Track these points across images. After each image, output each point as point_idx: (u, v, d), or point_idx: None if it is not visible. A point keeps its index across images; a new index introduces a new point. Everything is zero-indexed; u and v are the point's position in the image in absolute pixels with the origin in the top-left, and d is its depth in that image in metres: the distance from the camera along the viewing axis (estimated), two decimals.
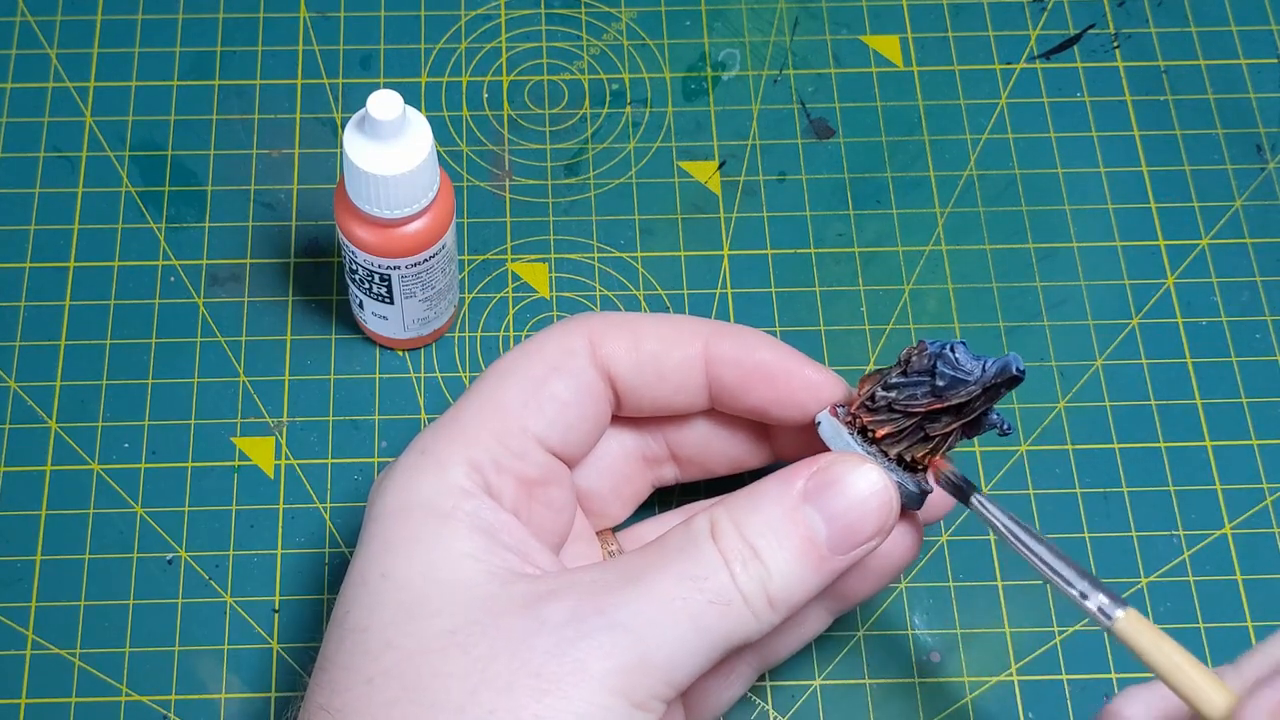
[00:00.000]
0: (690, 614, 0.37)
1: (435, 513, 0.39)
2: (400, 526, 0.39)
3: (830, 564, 0.39)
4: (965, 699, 0.49)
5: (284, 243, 0.55)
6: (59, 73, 0.58)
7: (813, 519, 0.38)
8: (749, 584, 0.37)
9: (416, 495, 0.40)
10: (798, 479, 0.39)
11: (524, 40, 0.59)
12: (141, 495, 0.51)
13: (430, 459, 0.40)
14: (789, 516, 0.38)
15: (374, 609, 0.38)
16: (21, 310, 0.54)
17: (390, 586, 0.38)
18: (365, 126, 0.46)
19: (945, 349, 0.40)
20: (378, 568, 0.39)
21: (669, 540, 0.38)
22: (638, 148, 0.57)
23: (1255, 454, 0.52)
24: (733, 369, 0.43)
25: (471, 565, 0.38)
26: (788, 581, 0.38)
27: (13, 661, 0.48)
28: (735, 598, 0.37)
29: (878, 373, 0.41)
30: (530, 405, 0.41)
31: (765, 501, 0.39)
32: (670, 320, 0.44)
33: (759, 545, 0.38)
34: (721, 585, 0.37)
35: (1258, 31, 0.60)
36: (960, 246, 0.56)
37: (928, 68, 0.59)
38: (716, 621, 0.37)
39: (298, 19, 0.59)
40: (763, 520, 0.38)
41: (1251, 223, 0.57)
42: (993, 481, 0.52)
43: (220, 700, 0.48)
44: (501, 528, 0.39)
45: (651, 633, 0.36)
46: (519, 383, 0.42)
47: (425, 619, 0.37)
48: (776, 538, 0.38)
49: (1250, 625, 0.50)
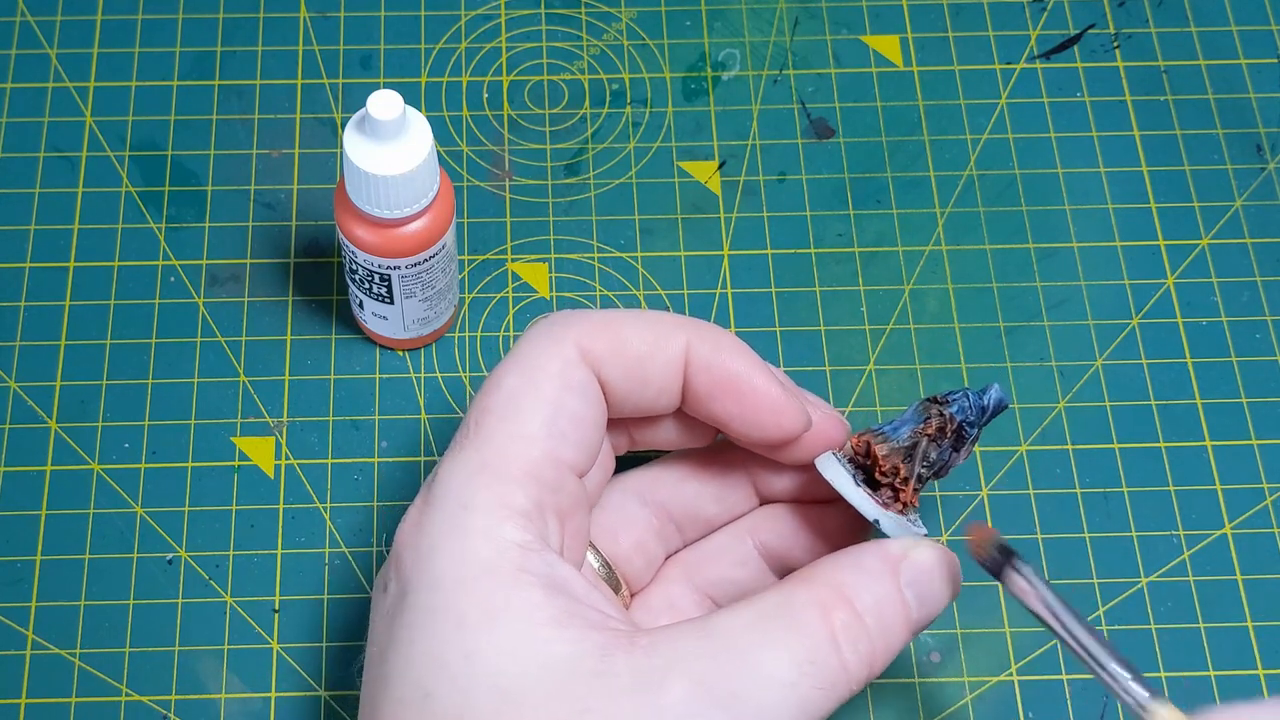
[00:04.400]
0: (800, 699, 0.36)
1: (502, 578, 0.37)
2: (468, 597, 0.37)
3: (914, 635, 0.39)
4: (965, 699, 0.49)
5: (284, 243, 0.55)
6: (59, 73, 0.58)
7: (912, 600, 0.39)
8: (857, 663, 0.37)
9: (475, 559, 0.37)
10: (893, 555, 0.39)
11: (524, 40, 0.59)
12: (141, 495, 0.51)
13: (477, 516, 0.38)
14: (897, 596, 0.39)
15: (468, 694, 0.36)
16: (21, 310, 0.54)
17: (482, 671, 0.36)
18: (365, 126, 0.46)
19: (967, 417, 0.42)
20: (458, 648, 0.36)
21: (769, 611, 0.37)
22: (638, 148, 0.57)
23: (1255, 454, 0.52)
24: (704, 375, 0.41)
25: (562, 638, 0.36)
26: (886, 657, 0.38)
27: (13, 661, 0.48)
28: (841, 679, 0.37)
29: (882, 437, 0.42)
30: (554, 431, 0.39)
31: (872, 579, 0.39)
32: (650, 319, 0.42)
33: (870, 625, 0.38)
34: (831, 669, 0.37)
35: (1258, 31, 0.60)
36: (960, 246, 0.56)
37: (928, 68, 0.59)
38: (821, 702, 0.37)
39: (298, 19, 0.59)
40: (872, 600, 0.38)
41: (1251, 223, 0.57)
42: (993, 481, 0.52)
43: (220, 700, 0.48)
44: (569, 582, 0.38)
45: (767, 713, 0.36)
46: (537, 408, 0.40)
47: (533, 709, 0.35)
48: (886, 617, 0.38)
49: (1250, 625, 0.50)
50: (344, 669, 0.49)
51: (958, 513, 0.51)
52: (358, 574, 0.50)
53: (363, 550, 0.50)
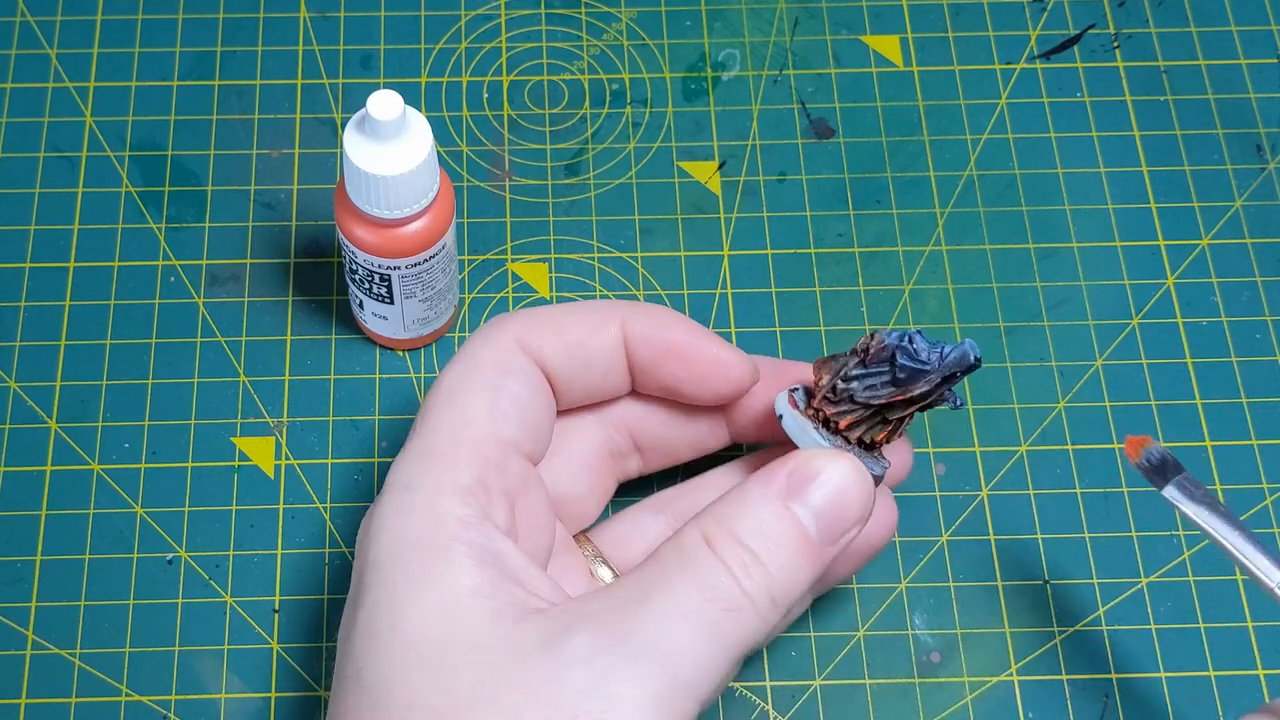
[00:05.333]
0: (707, 626, 0.37)
1: (434, 551, 0.38)
2: (401, 571, 0.38)
3: (822, 555, 0.39)
4: (965, 699, 0.49)
5: (284, 243, 0.55)
6: (59, 73, 0.58)
7: (801, 514, 0.39)
8: (754, 587, 0.38)
9: (412, 535, 0.39)
10: (777, 479, 0.39)
11: (524, 40, 0.59)
12: (141, 495, 0.51)
13: (417, 495, 0.39)
14: (778, 516, 0.39)
15: (391, 665, 0.37)
16: (21, 310, 0.54)
17: (403, 640, 0.37)
18: (365, 127, 0.46)
19: (904, 340, 0.40)
20: (386, 619, 0.38)
21: (664, 556, 0.38)
22: (638, 148, 0.57)
23: (1255, 454, 0.52)
24: (646, 347, 0.43)
25: (483, 606, 0.37)
26: (787, 578, 0.38)
27: (13, 661, 0.48)
28: (745, 603, 0.38)
29: (832, 359, 0.42)
30: (495, 413, 0.41)
31: (752, 505, 0.39)
32: (585, 306, 0.44)
33: (756, 548, 0.38)
34: (730, 592, 0.37)
35: (1258, 31, 0.60)
36: (960, 246, 0.56)
37: (928, 68, 0.59)
38: (731, 629, 0.37)
39: (298, 19, 0.59)
40: (754, 524, 0.38)
41: (1251, 223, 0.57)
42: (993, 481, 0.52)
43: (220, 700, 0.48)
44: (503, 555, 0.39)
45: (676, 652, 0.36)
46: (477, 393, 0.41)
47: (448, 672, 0.37)
48: (771, 539, 0.38)
49: (1250, 625, 0.50)
50: None
51: (958, 512, 0.51)
52: None
53: None
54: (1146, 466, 0.43)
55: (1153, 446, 0.43)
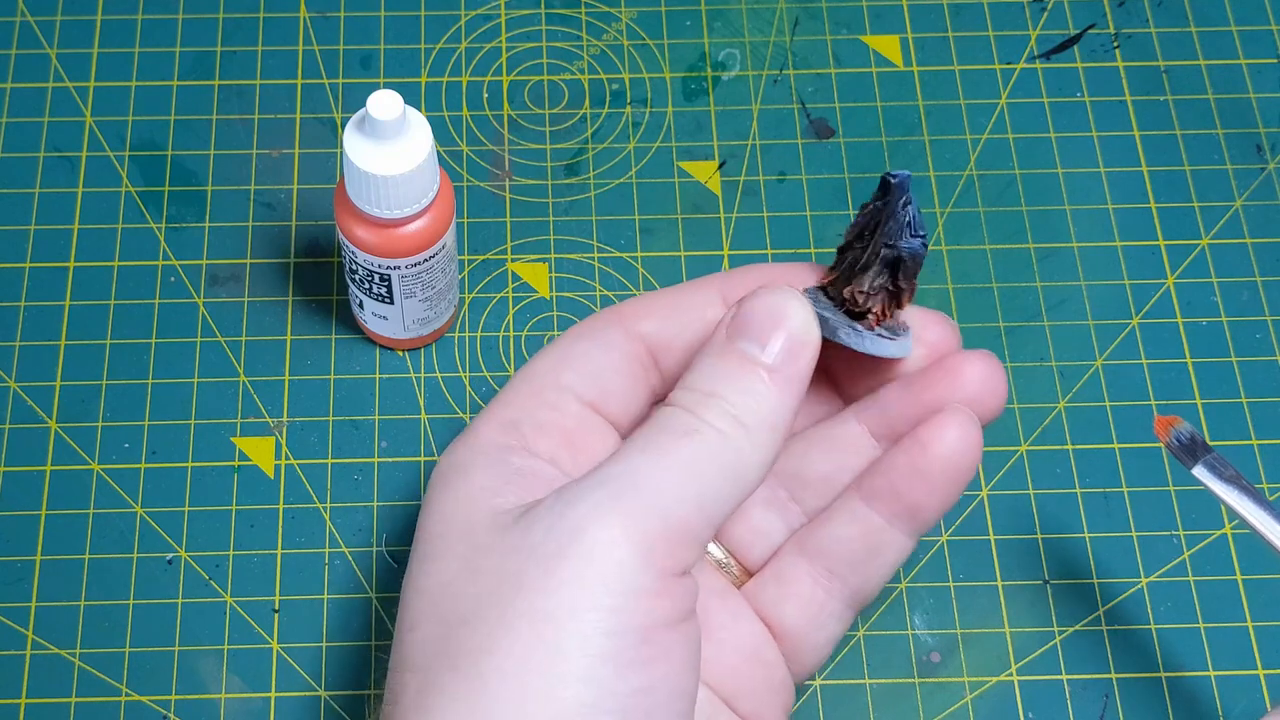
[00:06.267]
0: (685, 461, 0.37)
1: (462, 467, 0.40)
2: (432, 488, 0.40)
3: (780, 375, 0.38)
4: (965, 699, 0.49)
5: (284, 243, 0.55)
6: (59, 73, 0.58)
7: (742, 345, 0.39)
8: (714, 415, 0.37)
9: (451, 459, 0.40)
10: (718, 332, 0.39)
11: (524, 40, 0.59)
12: (141, 495, 0.51)
13: (469, 430, 0.41)
14: (721, 353, 0.39)
15: (409, 563, 0.39)
16: (21, 310, 0.54)
17: (419, 538, 0.39)
18: (365, 126, 0.46)
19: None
20: (417, 529, 0.40)
21: (632, 434, 0.39)
22: (638, 148, 0.57)
23: (1255, 454, 0.52)
24: None
25: (485, 499, 0.38)
26: (746, 400, 0.38)
27: (13, 661, 0.48)
28: (702, 425, 0.37)
29: None
30: (561, 364, 0.42)
31: (698, 358, 0.39)
32: (689, 286, 0.43)
33: (710, 388, 0.38)
34: (686, 421, 0.37)
35: (1258, 31, 0.60)
36: (960, 246, 0.56)
37: (928, 68, 0.59)
38: (694, 451, 0.37)
39: (298, 19, 0.59)
40: (703, 370, 0.39)
41: (1251, 223, 0.57)
42: (993, 481, 0.52)
43: (220, 700, 0.48)
44: (531, 471, 0.39)
45: (639, 480, 0.36)
46: (549, 352, 0.42)
47: (441, 559, 0.38)
48: (719, 373, 0.38)
49: (1250, 625, 0.50)
50: (344, 669, 0.49)
51: (958, 512, 0.51)
52: (358, 574, 0.50)
53: (363, 550, 0.50)
54: (1176, 446, 0.43)
55: (1182, 426, 0.44)
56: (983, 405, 0.41)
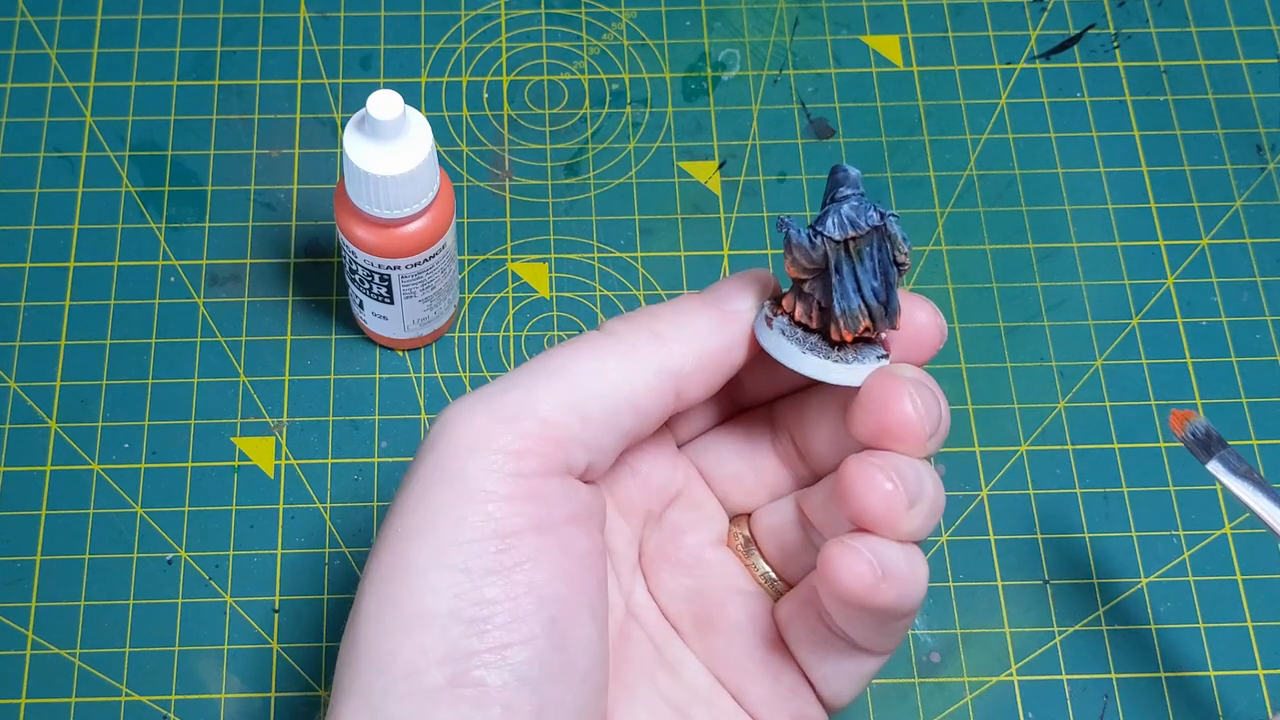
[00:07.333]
0: (552, 354, 0.36)
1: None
2: None
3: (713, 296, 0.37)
4: (965, 699, 0.49)
5: (284, 243, 0.55)
6: (59, 73, 0.58)
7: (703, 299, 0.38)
8: (630, 328, 0.36)
9: None
10: None
11: (524, 40, 0.59)
12: (141, 495, 0.51)
13: None
14: (687, 301, 0.38)
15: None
16: (21, 310, 0.54)
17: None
18: (365, 126, 0.46)
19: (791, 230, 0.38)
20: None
21: None
22: (638, 148, 0.57)
23: (1255, 454, 0.52)
24: None
25: None
26: (670, 313, 0.37)
27: (13, 661, 0.48)
28: (602, 335, 0.36)
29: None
30: None
31: None
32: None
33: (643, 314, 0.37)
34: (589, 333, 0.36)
35: (1258, 31, 0.60)
36: (960, 246, 0.56)
37: (928, 68, 0.59)
38: (576, 349, 0.36)
39: (298, 19, 0.59)
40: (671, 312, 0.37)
41: (1251, 223, 0.57)
42: (993, 481, 0.52)
43: (220, 700, 0.48)
44: None
45: (511, 381, 0.35)
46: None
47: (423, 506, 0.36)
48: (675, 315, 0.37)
49: (1250, 625, 0.50)
50: None
51: (958, 512, 0.51)
52: (358, 574, 0.50)
53: (363, 550, 0.50)
54: (1191, 440, 0.44)
55: (1197, 421, 0.44)
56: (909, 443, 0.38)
